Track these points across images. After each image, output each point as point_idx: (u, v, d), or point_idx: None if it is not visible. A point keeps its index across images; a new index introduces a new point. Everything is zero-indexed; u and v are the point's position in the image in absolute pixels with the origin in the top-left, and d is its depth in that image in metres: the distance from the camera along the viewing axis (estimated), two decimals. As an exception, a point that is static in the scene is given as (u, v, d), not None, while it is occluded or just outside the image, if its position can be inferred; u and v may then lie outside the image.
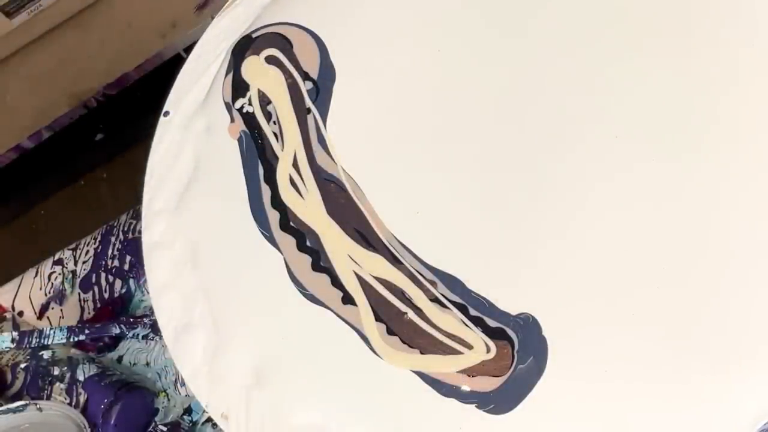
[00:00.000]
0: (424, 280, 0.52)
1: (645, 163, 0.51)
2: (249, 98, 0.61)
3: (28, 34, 0.97)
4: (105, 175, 0.98)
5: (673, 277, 0.48)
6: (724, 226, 0.49)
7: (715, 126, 0.50)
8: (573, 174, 0.51)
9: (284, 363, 0.54)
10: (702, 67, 0.51)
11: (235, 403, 0.54)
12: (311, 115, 0.58)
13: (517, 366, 0.49)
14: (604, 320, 0.49)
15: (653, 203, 0.50)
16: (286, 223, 0.57)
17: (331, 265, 0.55)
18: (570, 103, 0.53)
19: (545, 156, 0.52)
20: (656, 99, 0.52)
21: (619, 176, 0.51)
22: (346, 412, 0.52)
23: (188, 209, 0.60)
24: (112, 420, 0.73)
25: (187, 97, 0.63)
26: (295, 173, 0.57)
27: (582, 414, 0.48)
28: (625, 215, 0.50)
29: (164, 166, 0.62)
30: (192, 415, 0.74)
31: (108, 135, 1.03)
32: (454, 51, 0.56)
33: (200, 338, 0.56)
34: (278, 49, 0.60)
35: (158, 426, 0.74)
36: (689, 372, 0.47)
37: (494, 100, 0.54)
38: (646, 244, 0.49)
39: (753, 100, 0.50)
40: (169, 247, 0.59)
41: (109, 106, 0.99)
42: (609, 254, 0.50)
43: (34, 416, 0.70)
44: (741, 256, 0.48)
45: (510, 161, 0.53)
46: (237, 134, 0.60)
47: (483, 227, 0.52)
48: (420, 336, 0.51)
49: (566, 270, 0.50)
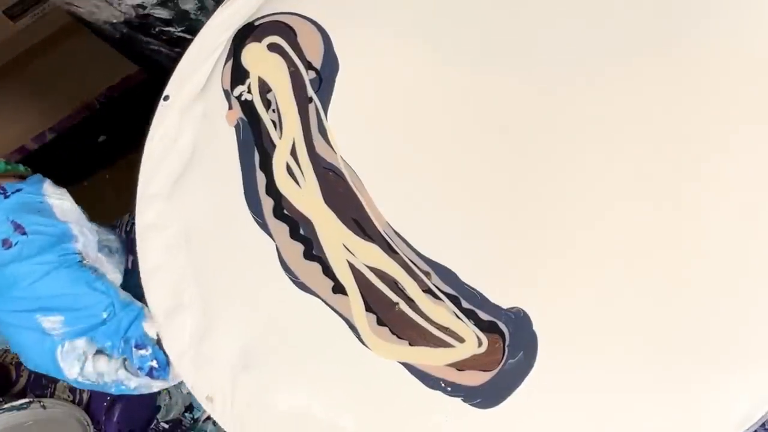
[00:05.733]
0: (418, 271, 0.52)
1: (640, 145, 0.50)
2: (248, 86, 0.60)
3: (32, 37, 0.97)
4: (108, 176, 0.98)
5: (665, 276, 0.48)
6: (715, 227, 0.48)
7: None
8: (572, 167, 0.51)
9: (271, 348, 0.54)
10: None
11: (221, 386, 0.54)
12: (312, 104, 0.58)
13: (507, 361, 0.49)
14: (594, 317, 0.48)
15: (650, 203, 0.49)
16: (280, 211, 0.56)
17: (324, 254, 0.54)
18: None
19: (545, 149, 0.52)
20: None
21: (619, 167, 0.51)
22: (330, 399, 0.52)
23: (183, 194, 0.60)
24: (114, 417, 0.74)
25: (188, 83, 0.62)
26: (292, 161, 0.57)
27: (569, 410, 0.48)
28: (620, 214, 0.50)
29: (161, 150, 0.61)
30: (194, 412, 0.74)
31: (111, 137, 1.03)
32: (458, 47, 0.56)
33: (189, 321, 0.56)
34: (281, 37, 0.60)
35: (160, 423, 0.75)
36: (679, 369, 0.47)
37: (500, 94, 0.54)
38: (639, 245, 0.49)
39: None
40: (163, 229, 0.59)
41: (112, 108, 0.99)
42: (602, 253, 0.49)
43: (37, 414, 0.70)
44: (731, 257, 0.48)
45: (510, 156, 0.53)
46: (234, 121, 0.60)
47: (478, 220, 0.52)
48: (410, 327, 0.51)
49: (559, 266, 0.50)
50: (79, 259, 0.56)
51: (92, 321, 0.54)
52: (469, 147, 0.54)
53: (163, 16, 0.77)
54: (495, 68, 0.55)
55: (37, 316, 0.53)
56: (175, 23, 0.78)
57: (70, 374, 0.54)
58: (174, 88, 0.63)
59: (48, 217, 0.57)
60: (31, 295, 0.53)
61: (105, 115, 1.02)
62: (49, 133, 1.02)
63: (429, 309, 0.51)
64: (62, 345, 0.53)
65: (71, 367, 0.54)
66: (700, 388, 0.46)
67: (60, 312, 0.53)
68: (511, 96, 0.54)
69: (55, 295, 0.54)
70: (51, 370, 0.54)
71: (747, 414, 0.46)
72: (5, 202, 0.55)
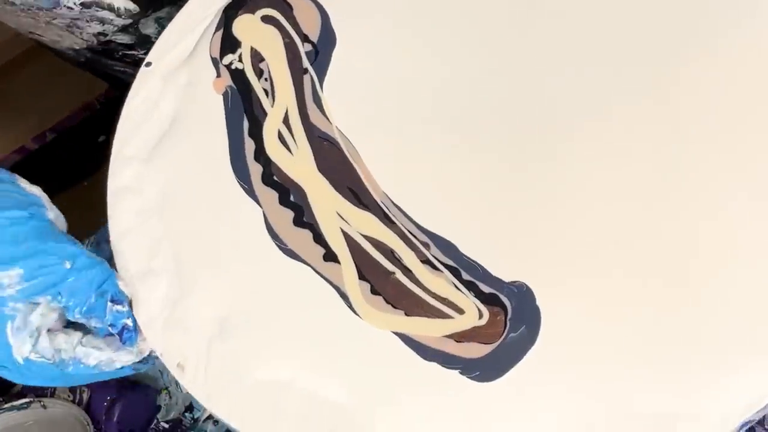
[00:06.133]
0: (417, 241, 0.50)
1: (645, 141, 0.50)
2: (239, 55, 0.59)
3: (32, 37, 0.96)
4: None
5: (669, 256, 0.47)
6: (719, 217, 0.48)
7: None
8: (576, 140, 0.51)
9: (252, 316, 0.51)
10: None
11: (194, 353, 0.50)
12: (308, 75, 0.57)
13: (509, 334, 0.47)
14: (597, 296, 0.47)
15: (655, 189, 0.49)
16: (270, 177, 0.54)
17: (315, 221, 0.52)
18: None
19: (548, 123, 0.52)
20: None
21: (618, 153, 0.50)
22: (315, 371, 0.49)
23: (161, 158, 0.57)
24: (114, 417, 0.74)
25: (172, 51, 0.61)
26: (285, 129, 0.55)
27: (570, 386, 0.46)
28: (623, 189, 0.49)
29: (140, 114, 0.59)
30: (194, 412, 0.74)
31: (111, 137, 1.00)
32: (455, 22, 0.56)
33: (161, 286, 0.53)
34: (277, 10, 0.59)
35: (160, 423, 0.75)
36: (680, 353, 0.46)
37: (493, 66, 0.54)
38: (644, 221, 0.48)
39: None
40: (137, 193, 0.56)
41: (112, 108, 0.97)
42: (606, 229, 0.49)
43: (38, 413, 0.71)
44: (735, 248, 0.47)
45: (513, 129, 0.52)
46: (222, 89, 0.58)
47: (479, 192, 0.51)
48: (406, 297, 0.49)
49: (563, 242, 0.49)
50: (49, 221, 0.52)
51: (54, 273, 0.49)
52: (470, 119, 0.53)
53: (125, 41, 0.76)
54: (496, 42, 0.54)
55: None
56: (138, 47, 0.77)
57: (21, 352, 0.49)
58: (156, 55, 0.61)
59: (20, 190, 0.53)
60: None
61: (105, 115, 1.00)
62: (49, 134, 0.99)
63: (427, 279, 0.49)
64: (13, 320, 0.48)
65: (22, 343, 0.49)
66: (701, 369, 0.46)
67: (18, 263, 0.49)
68: (513, 70, 0.53)
69: (17, 244, 0.49)
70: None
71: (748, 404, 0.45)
72: None
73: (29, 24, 0.74)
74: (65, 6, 0.69)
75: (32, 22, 0.73)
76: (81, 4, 0.69)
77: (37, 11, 0.70)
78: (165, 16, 0.73)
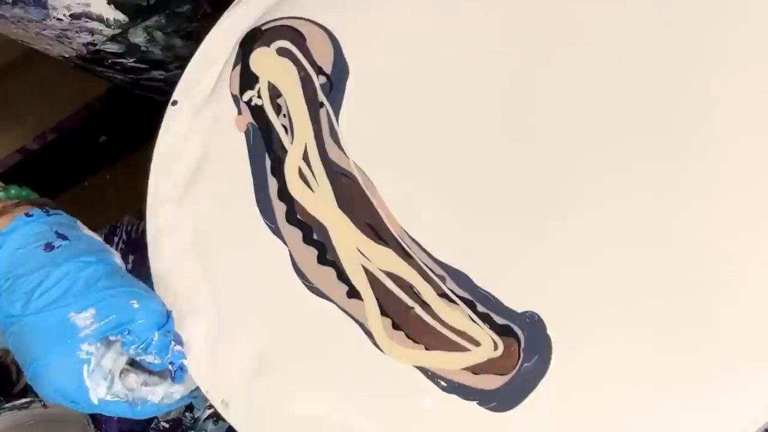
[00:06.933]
0: (433, 275, 0.53)
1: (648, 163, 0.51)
2: (258, 90, 0.60)
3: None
4: (108, 176, 0.98)
5: (675, 275, 0.49)
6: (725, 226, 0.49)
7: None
8: (584, 174, 0.52)
9: (286, 353, 0.54)
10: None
11: (236, 391, 0.54)
12: (324, 109, 0.58)
13: (523, 364, 0.50)
14: (606, 320, 0.49)
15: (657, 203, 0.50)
16: (293, 216, 0.57)
17: (338, 259, 0.55)
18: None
19: (561, 156, 0.53)
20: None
21: (625, 175, 0.51)
22: (345, 404, 0.52)
23: (194, 198, 0.60)
24: (114, 417, 0.72)
25: (196, 87, 0.62)
26: (305, 166, 0.57)
27: (582, 412, 0.48)
28: (628, 217, 0.51)
29: (171, 154, 0.61)
30: (194, 411, 0.74)
31: (111, 137, 1.03)
32: (467, 52, 0.57)
33: (202, 325, 0.57)
34: (291, 41, 0.60)
35: (160, 422, 0.75)
36: (690, 371, 0.47)
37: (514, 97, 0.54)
38: (648, 247, 0.50)
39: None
40: (174, 234, 0.59)
41: (113, 108, 0.99)
42: (612, 256, 0.50)
43: (38, 413, 0.70)
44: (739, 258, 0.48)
45: (524, 162, 0.53)
46: (244, 126, 0.60)
47: (492, 224, 0.52)
48: (426, 332, 0.52)
49: (570, 269, 0.51)
50: (116, 266, 0.56)
51: (124, 313, 0.53)
52: (483, 151, 0.54)
53: (114, 50, 0.77)
54: (503, 78, 0.55)
55: (70, 313, 0.52)
56: (127, 55, 0.78)
57: (97, 394, 0.53)
58: (182, 93, 0.63)
59: (81, 233, 0.58)
60: (67, 292, 0.53)
61: (105, 115, 1.02)
62: (49, 134, 1.01)
63: (444, 313, 0.52)
64: (88, 364, 0.52)
65: (97, 386, 0.53)
66: (710, 387, 0.47)
67: (92, 305, 0.53)
68: (525, 100, 0.54)
69: (89, 287, 0.53)
70: (72, 392, 0.52)
71: (755, 415, 0.47)
72: (49, 217, 0.56)
73: (19, 34, 0.75)
74: (55, 18, 0.70)
75: (22, 32, 0.75)
76: (71, 16, 0.70)
77: (27, 23, 0.72)
78: (153, 25, 0.75)
